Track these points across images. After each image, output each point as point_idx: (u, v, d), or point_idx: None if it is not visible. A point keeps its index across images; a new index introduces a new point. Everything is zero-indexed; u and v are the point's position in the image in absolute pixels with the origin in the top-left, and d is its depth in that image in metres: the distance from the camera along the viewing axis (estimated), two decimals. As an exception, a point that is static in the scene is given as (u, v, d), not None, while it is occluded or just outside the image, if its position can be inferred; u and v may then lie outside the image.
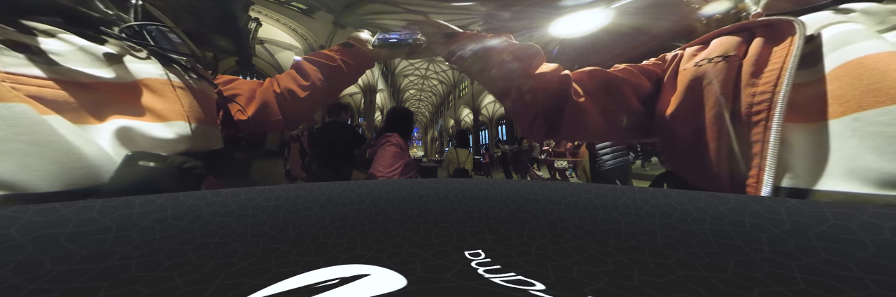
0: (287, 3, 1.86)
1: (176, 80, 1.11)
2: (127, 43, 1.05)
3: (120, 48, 1.03)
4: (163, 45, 1.15)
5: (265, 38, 1.84)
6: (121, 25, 1.08)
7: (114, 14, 1.07)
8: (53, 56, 0.87)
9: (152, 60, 1.10)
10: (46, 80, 0.84)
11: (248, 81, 1.65)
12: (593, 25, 1.83)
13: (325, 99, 1.83)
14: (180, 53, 1.20)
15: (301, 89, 1.64)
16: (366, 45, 1.75)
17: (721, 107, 1.07)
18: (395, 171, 1.91)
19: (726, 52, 1.12)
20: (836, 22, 0.95)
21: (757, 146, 0.97)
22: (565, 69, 1.52)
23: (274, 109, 1.59)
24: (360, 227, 1.39)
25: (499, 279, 0.87)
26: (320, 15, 1.96)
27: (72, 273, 0.78)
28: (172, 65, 1.16)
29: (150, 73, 1.06)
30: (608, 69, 1.49)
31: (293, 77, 1.67)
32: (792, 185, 0.92)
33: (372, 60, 1.80)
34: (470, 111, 2.68)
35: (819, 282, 0.75)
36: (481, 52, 1.62)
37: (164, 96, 1.06)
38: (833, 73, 0.88)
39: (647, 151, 1.83)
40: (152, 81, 1.05)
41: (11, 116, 0.73)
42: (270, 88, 1.62)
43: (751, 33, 1.12)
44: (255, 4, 1.78)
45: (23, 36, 0.84)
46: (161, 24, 1.19)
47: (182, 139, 1.06)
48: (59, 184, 0.80)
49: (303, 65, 1.70)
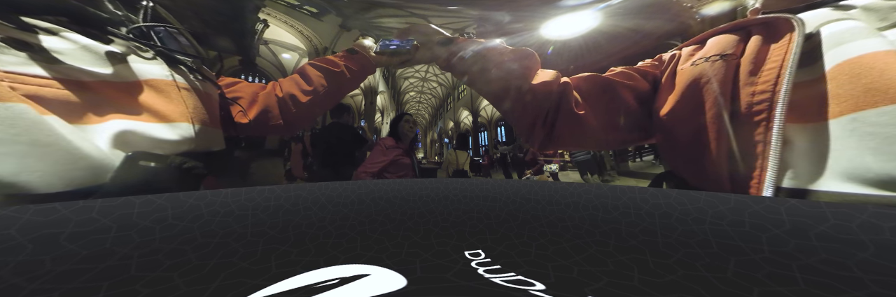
0: (299, 7, 1.87)
1: (181, 81, 1.11)
2: (133, 43, 1.05)
3: (126, 48, 1.03)
4: (170, 46, 1.15)
5: (270, 39, 1.84)
6: (129, 26, 1.08)
7: (123, 15, 1.07)
8: (55, 54, 0.86)
9: (158, 60, 1.10)
10: (47, 79, 0.84)
11: (251, 84, 1.66)
12: (587, 26, 1.84)
13: (326, 104, 1.85)
14: (187, 55, 1.20)
15: (303, 94, 1.65)
16: (369, 51, 1.77)
17: (720, 107, 1.06)
18: (376, 165, 1.99)
19: (723, 50, 1.11)
20: (835, 19, 0.94)
21: (758, 147, 0.96)
22: (563, 76, 1.52)
23: (275, 114, 1.60)
24: (360, 227, 1.39)
25: (499, 279, 0.87)
26: (329, 18, 1.97)
27: (72, 273, 0.78)
28: (178, 66, 1.16)
29: (155, 73, 1.06)
30: (605, 73, 1.49)
31: (296, 82, 1.68)
32: (793, 185, 0.92)
33: (374, 66, 1.83)
34: (469, 113, 2.69)
35: (819, 282, 0.75)
36: (476, 59, 1.64)
37: (168, 97, 1.06)
38: (832, 72, 0.88)
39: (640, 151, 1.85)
40: (157, 82, 1.06)
41: (10, 116, 0.72)
42: (272, 93, 1.63)
43: (747, 32, 1.12)
44: (266, 6, 1.79)
45: (24, 34, 0.83)
46: (169, 26, 1.19)
47: (185, 140, 1.07)
48: (59, 184, 0.80)
49: (307, 70, 1.71)
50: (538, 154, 2.18)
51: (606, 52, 1.74)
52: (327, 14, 1.95)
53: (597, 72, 1.52)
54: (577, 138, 1.52)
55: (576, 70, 1.59)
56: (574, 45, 1.84)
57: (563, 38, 1.88)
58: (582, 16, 1.83)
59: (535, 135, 1.56)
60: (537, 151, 2.13)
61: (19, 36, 0.82)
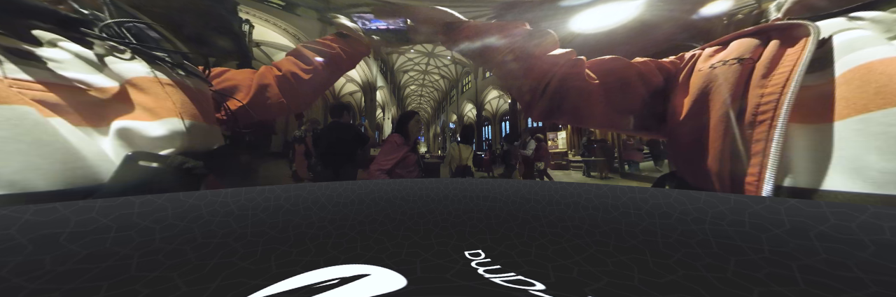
0: (266, 1, 1.88)
1: (163, 77, 1.12)
2: (109, 43, 1.07)
3: (104, 49, 1.04)
4: (145, 42, 1.16)
5: (261, 40, 1.85)
6: (99, 25, 1.09)
7: (89, 13, 1.08)
8: (55, 63, 0.92)
9: (137, 58, 1.11)
10: (49, 84, 0.88)
11: (241, 71, 1.66)
12: (606, 23, 1.83)
13: (325, 83, 1.90)
14: (164, 50, 1.21)
15: (304, 72, 1.69)
16: (357, 32, 1.82)
17: (728, 107, 1.10)
18: (389, 162, 2.02)
19: (742, 54, 1.15)
20: (847, 28, 0.98)
21: (759, 145, 0.99)
22: (580, 55, 1.56)
23: (275, 93, 1.61)
24: (360, 227, 1.39)
25: (499, 279, 0.87)
26: (303, 11, 1.98)
27: (72, 273, 0.78)
28: (157, 62, 1.17)
29: (137, 71, 1.07)
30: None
31: (294, 62, 1.71)
32: (793, 184, 0.93)
33: (368, 47, 1.90)
34: (473, 106, 2.66)
35: (819, 282, 0.75)
36: (486, 39, 1.68)
37: (153, 94, 1.07)
38: (842, 76, 0.91)
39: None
40: (140, 80, 1.06)
41: (15, 117, 0.77)
42: (268, 73, 1.63)
43: (768, 36, 1.15)
44: (240, 4, 1.81)
45: (28, 45, 0.89)
46: (138, 21, 1.19)
47: (176, 136, 1.07)
48: (59, 183, 0.82)
49: (301, 51, 1.74)
50: (545, 155, 2.20)
51: (625, 50, 1.75)
52: (298, 7, 1.96)
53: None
54: (583, 113, 1.56)
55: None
56: (592, 42, 1.84)
57: (584, 33, 1.87)
58: (600, 11, 1.82)
59: (534, 104, 1.64)
60: (536, 119, 2.17)
61: (23, 47, 0.88)
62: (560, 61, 1.54)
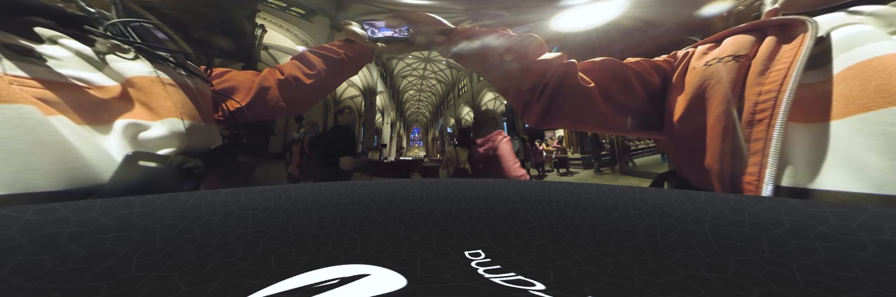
0: (287, 9, 1.92)
1: (165, 77, 1.12)
2: (112, 41, 1.07)
3: (107, 48, 1.04)
4: (150, 42, 1.16)
5: (269, 43, 1.87)
6: (104, 24, 1.09)
7: (96, 12, 1.09)
8: (54, 61, 0.91)
9: (140, 58, 1.11)
10: (48, 82, 0.88)
11: (243, 72, 1.67)
12: (597, 20, 1.82)
13: (327, 88, 1.92)
14: (168, 50, 1.21)
15: (306, 77, 1.70)
16: (364, 39, 1.83)
17: (726, 106, 1.08)
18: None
19: (737, 51, 1.13)
20: (846, 23, 0.96)
21: (759, 144, 0.97)
22: (571, 59, 1.56)
23: (276, 96, 1.62)
24: (360, 227, 1.39)
25: (499, 279, 0.87)
26: (318, 19, 2.01)
27: (72, 273, 0.78)
28: (161, 62, 1.17)
29: (139, 71, 1.07)
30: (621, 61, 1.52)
31: (298, 66, 1.72)
32: (793, 184, 0.92)
33: (371, 53, 1.90)
34: (470, 110, 2.68)
35: (819, 282, 0.75)
36: (478, 45, 1.69)
37: (154, 94, 1.07)
38: (841, 74, 0.89)
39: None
40: (141, 79, 1.06)
41: (17, 116, 0.76)
42: (271, 76, 1.65)
43: (764, 32, 1.13)
44: (260, 11, 1.84)
45: (30, 43, 0.89)
46: (145, 21, 1.19)
47: (176, 136, 1.07)
48: (60, 183, 0.82)
49: (307, 55, 1.75)
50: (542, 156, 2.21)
51: (616, 48, 1.74)
52: (315, 15, 1.99)
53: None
54: (580, 115, 1.55)
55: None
56: (581, 41, 1.84)
57: (572, 31, 1.87)
58: (591, 9, 1.82)
59: (529, 110, 1.64)
60: (534, 125, 2.18)
61: (25, 45, 0.88)
62: (553, 64, 1.54)
